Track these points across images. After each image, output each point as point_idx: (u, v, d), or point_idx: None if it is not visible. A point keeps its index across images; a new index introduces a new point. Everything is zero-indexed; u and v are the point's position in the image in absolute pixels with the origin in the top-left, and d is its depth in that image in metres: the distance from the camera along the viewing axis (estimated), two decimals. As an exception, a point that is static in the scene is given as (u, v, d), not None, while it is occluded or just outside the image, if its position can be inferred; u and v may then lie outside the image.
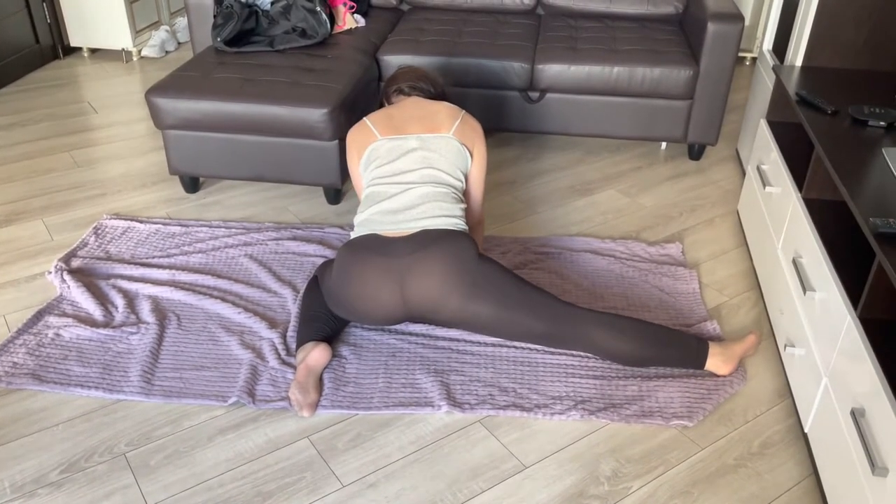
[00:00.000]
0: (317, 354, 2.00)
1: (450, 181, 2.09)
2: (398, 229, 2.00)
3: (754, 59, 4.57)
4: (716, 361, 2.03)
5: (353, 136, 2.18)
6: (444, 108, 2.17)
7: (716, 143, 3.19)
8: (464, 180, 2.15)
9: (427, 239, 1.97)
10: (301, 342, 2.07)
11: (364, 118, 2.18)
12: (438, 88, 2.32)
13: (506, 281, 1.99)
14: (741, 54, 4.51)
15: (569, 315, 1.99)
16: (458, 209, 2.06)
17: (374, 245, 1.98)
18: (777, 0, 2.97)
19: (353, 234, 2.06)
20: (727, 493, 1.74)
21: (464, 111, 2.19)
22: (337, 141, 2.72)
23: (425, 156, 2.08)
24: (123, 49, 4.38)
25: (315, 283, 2.21)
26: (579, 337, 2.00)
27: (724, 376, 2.05)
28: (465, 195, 2.22)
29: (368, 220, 2.04)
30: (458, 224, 2.03)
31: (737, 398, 2.01)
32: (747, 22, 4.33)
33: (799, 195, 2.12)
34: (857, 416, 1.51)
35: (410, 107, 2.18)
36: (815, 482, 1.77)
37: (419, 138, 2.10)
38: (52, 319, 2.22)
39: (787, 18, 2.81)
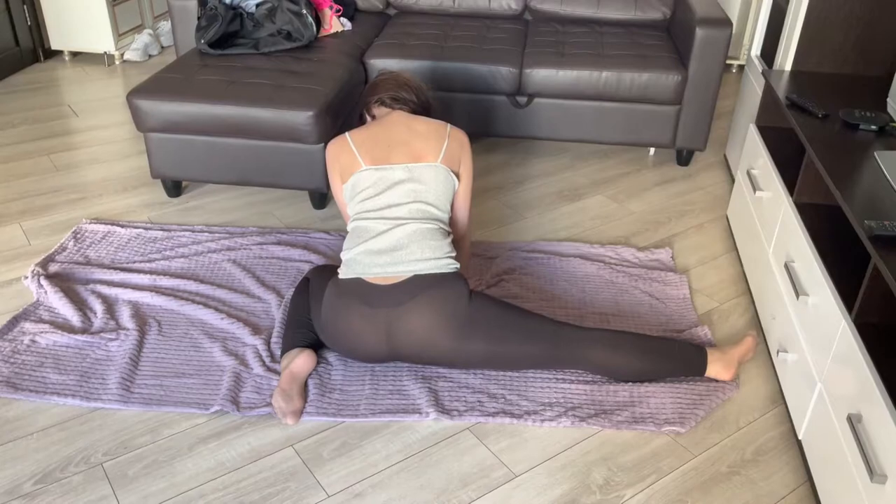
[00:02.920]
0: (301, 361, 1.96)
1: (438, 215, 2.01)
2: (385, 273, 1.92)
3: (741, 67, 4.58)
4: (716, 367, 2.01)
5: (335, 153, 2.04)
6: (430, 129, 2.05)
7: (704, 148, 3.17)
8: (451, 209, 2.08)
9: (415, 289, 1.89)
10: (286, 348, 2.02)
11: (346, 134, 2.04)
12: (423, 97, 2.19)
13: (498, 315, 1.93)
14: (727, 61, 4.51)
15: (566, 336, 1.95)
16: (447, 245, 1.98)
17: (360, 293, 1.91)
18: (765, 5, 2.97)
19: (341, 274, 1.97)
20: (721, 502, 1.71)
21: (449, 125, 2.07)
22: (322, 144, 2.68)
23: (413, 189, 1.98)
24: (105, 52, 4.32)
25: (304, 287, 2.15)
26: (579, 357, 1.96)
27: (727, 381, 2.02)
28: (452, 209, 2.12)
29: (354, 260, 1.95)
30: (448, 264, 1.95)
31: (729, 405, 1.98)
32: (734, 29, 4.33)
33: (790, 199, 2.11)
34: (853, 421, 1.48)
35: (395, 127, 2.04)
36: (810, 489, 1.74)
37: (406, 168, 1.99)
38: (27, 325, 2.15)
39: (776, 23, 2.80)
